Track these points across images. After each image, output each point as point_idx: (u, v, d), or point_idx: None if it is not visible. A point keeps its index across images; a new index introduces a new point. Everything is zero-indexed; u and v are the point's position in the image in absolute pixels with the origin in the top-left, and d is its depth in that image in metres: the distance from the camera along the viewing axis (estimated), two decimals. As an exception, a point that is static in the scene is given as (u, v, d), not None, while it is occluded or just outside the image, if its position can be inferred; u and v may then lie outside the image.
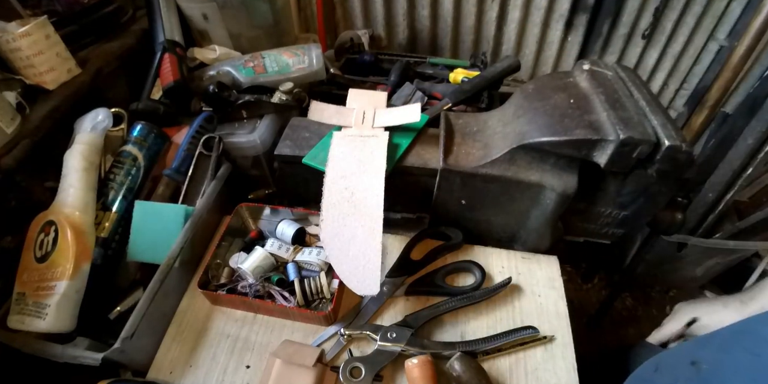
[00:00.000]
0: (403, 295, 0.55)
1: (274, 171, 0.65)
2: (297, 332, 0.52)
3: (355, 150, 0.56)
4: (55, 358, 0.45)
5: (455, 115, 0.62)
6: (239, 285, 0.54)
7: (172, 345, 0.52)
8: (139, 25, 0.80)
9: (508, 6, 1.08)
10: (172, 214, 0.55)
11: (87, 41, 0.72)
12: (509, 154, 0.52)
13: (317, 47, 0.75)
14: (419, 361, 0.45)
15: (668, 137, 0.46)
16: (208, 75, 0.72)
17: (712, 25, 1.09)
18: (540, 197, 0.54)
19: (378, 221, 0.50)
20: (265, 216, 0.62)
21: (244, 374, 0.49)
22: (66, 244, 0.49)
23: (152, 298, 0.48)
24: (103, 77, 0.69)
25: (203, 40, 0.80)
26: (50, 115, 0.60)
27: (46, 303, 0.47)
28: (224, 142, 0.64)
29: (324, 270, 0.56)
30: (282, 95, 0.69)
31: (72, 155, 0.55)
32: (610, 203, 0.56)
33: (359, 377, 0.45)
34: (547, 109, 0.51)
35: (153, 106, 0.66)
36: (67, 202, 0.52)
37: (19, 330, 0.47)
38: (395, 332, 0.49)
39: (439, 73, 0.84)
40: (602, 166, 0.48)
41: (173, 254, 0.52)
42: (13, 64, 0.60)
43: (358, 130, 0.59)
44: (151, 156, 0.62)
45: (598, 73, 0.55)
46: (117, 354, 0.44)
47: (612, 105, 0.49)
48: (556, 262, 0.59)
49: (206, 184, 0.60)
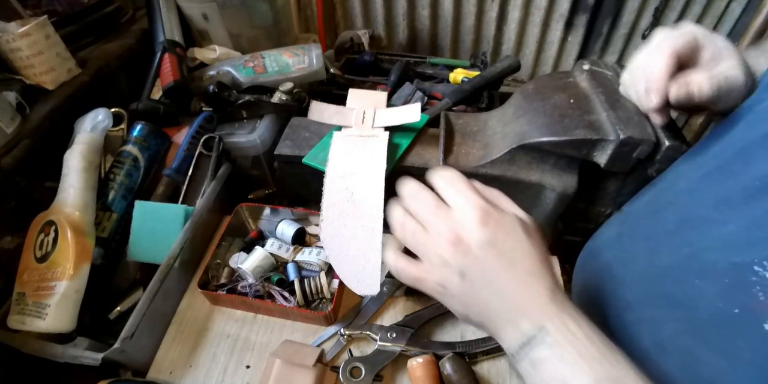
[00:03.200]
0: (403, 295, 0.55)
1: (274, 171, 0.65)
2: (297, 332, 0.52)
3: (355, 150, 0.55)
4: (55, 358, 0.45)
5: (455, 115, 0.62)
6: (239, 285, 0.54)
7: (172, 345, 0.52)
8: (139, 25, 0.80)
9: (508, 6, 1.08)
10: (172, 214, 0.55)
11: (87, 41, 0.72)
12: (509, 154, 0.52)
13: (317, 47, 0.75)
14: (423, 360, 0.45)
15: (668, 137, 0.46)
16: (208, 75, 0.72)
17: (712, 25, 1.09)
18: (540, 197, 0.54)
19: (378, 221, 0.50)
20: (265, 216, 0.63)
21: (244, 374, 0.49)
22: (66, 244, 0.49)
23: (152, 298, 0.48)
24: (103, 77, 0.69)
25: (203, 40, 0.80)
26: (50, 115, 0.60)
27: (46, 303, 0.47)
28: (224, 142, 0.64)
29: (324, 270, 0.56)
30: (282, 95, 0.69)
31: (72, 155, 0.55)
32: (610, 203, 0.56)
33: (359, 377, 0.45)
34: (547, 109, 0.51)
35: (153, 106, 0.66)
36: (67, 202, 0.52)
37: (19, 330, 0.47)
38: (395, 332, 0.49)
39: (439, 73, 0.84)
40: (602, 166, 0.48)
41: (173, 254, 0.52)
42: (13, 64, 0.60)
43: (358, 130, 0.59)
44: (151, 156, 0.62)
45: (598, 73, 0.55)
46: (117, 354, 0.44)
47: (612, 105, 0.49)
48: (556, 262, 0.59)
49: (206, 184, 0.60)
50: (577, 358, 0.29)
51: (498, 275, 0.32)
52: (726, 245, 0.31)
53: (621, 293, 0.40)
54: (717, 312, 0.29)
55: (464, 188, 0.35)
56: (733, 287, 0.29)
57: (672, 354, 0.32)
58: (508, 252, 0.32)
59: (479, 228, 0.32)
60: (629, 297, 0.38)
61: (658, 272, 0.36)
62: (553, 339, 0.30)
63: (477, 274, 0.33)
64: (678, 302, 0.33)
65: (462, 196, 0.34)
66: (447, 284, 0.34)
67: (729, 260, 0.30)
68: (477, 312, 0.34)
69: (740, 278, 0.28)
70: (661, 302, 0.35)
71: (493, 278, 0.32)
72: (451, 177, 0.36)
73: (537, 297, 0.31)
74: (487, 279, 0.32)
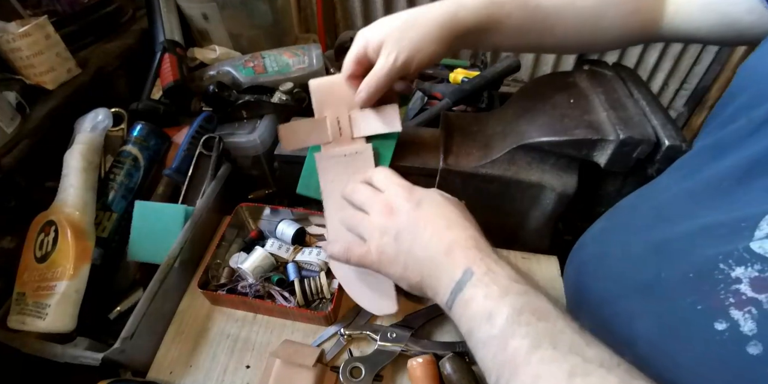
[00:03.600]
0: (403, 295, 0.55)
1: (274, 171, 0.65)
2: (297, 332, 0.52)
3: (344, 172, 0.53)
4: (55, 358, 0.45)
5: (455, 115, 0.62)
6: (239, 285, 0.54)
7: (172, 345, 0.52)
8: (139, 25, 0.80)
9: (508, 6, 1.08)
10: (172, 214, 0.55)
11: (87, 41, 0.72)
12: (509, 154, 0.52)
13: (317, 47, 0.75)
14: (423, 360, 0.45)
15: (668, 137, 0.46)
16: (208, 75, 0.72)
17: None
18: (540, 197, 0.54)
19: None
20: (265, 216, 0.63)
21: (244, 374, 0.49)
22: (66, 244, 0.49)
23: (152, 298, 0.48)
24: (103, 77, 0.69)
25: (203, 40, 0.80)
26: (50, 115, 0.60)
27: (46, 303, 0.47)
28: (224, 142, 0.64)
29: (324, 270, 0.56)
30: (282, 95, 0.69)
31: (72, 155, 0.55)
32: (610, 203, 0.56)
33: (359, 377, 0.45)
34: (547, 109, 0.51)
35: (153, 106, 0.66)
36: (67, 202, 0.52)
37: (19, 330, 0.47)
38: (395, 332, 0.49)
39: (439, 73, 0.84)
40: (602, 166, 0.48)
41: (173, 254, 0.52)
42: (13, 64, 0.60)
43: (338, 146, 0.54)
44: (151, 156, 0.62)
45: (598, 73, 0.55)
46: (117, 354, 0.44)
47: (612, 105, 0.49)
48: (556, 262, 0.59)
49: (206, 184, 0.60)
50: (500, 294, 0.31)
51: (425, 231, 0.37)
52: (692, 240, 0.31)
53: (599, 287, 0.41)
54: (682, 307, 0.30)
55: (391, 174, 0.43)
56: (697, 282, 0.29)
57: (643, 349, 0.32)
58: (432, 212, 0.39)
59: (406, 198, 0.40)
60: (605, 291, 0.39)
61: (631, 266, 0.37)
62: (478, 279, 0.33)
63: (408, 234, 0.38)
64: (648, 296, 0.34)
65: (390, 180, 0.42)
66: (386, 249, 0.39)
67: (694, 255, 0.30)
68: (414, 271, 0.38)
69: (704, 274, 0.29)
70: (633, 296, 0.35)
71: (422, 234, 0.37)
72: (382, 171, 0.44)
73: (462, 245, 0.35)
74: (418, 236, 0.37)
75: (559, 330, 0.29)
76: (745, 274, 0.26)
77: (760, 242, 0.26)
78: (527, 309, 0.30)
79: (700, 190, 0.33)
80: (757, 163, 0.29)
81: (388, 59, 0.44)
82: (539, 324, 0.29)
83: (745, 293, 0.26)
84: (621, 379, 0.25)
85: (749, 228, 0.27)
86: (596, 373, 0.26)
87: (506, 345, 0.29)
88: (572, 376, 0.26)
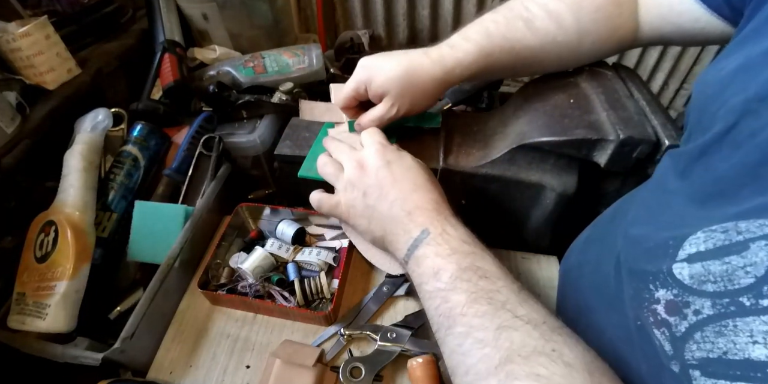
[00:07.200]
0: (403, 295, 0.55)
1: (274, 171, 0.65)
2: (297, 332, 0.52)
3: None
4: (55, 358, 0.45)
5: (455, 115, 0.62)
6: (239, 285, 0.54)
7: (172, 345, 0.52)
8: (139, 25, 0.80)
9: (508, 6, 1.08)
10: (172, 214, 0.55)
11: (87, 41, 0.72)
12: (509, 154, 0.52)
13: (317, 47, 0.75)
14: (423, 360, 0.45)
15: (668, 137, 0.46)
16: (208, 75, 0.72)
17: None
18: (540, 197, 0.54)
19: None
20: (265, 216, 0.63)
21: (244, 374, 0.49)
22: (66, 244, 0.49)
23: (152, 298, 0.48)
24: (103, 77, 0.69)
25: (203, 40, 0.80)
26: (50, 115, 0.60)
27: (46, 303, 0.47)
28: (224, 142, 0.64)
29: (324, 270, 0.56)
30: (282, 95, 0.69)
31: (72, 155, 0.55)
32: (609, 203, 0.56)
33: (359, 377, 0.45)
34: (547, 109, 0.51)
35: (153, 106, 0.66)
36: (67, 202, 0.52)
37: (19, 330, 0.47)
38: (395, 332, 0.49)
39: (439, 73, 0.84)
40: (602, 166, 0.48)
41: (173, 254, 0.52)
42: (13, 64, 0.60)
43: None
44: (151, 156, 0.62)
45: (598, 73, 0.55)
46: (117, 354, 0.44)
47: (612, 105, 0.49)
48: (556, 263, 0.59)
49: (206, 184, 0.60)
50: (450, 253, 0.35)
51: (392, 190, 0.40)
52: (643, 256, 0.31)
53: (577, 297, 0.42)
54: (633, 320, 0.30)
55: (375, 133, 0.46)
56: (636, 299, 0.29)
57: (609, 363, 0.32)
58: (399, 173, 0.42)
59: (377, 156, 0.43)
60: (582, 302, 0.41)
61: (601, 280, 0.37)
62: (432, 238, 0.36)
63: (375, 191, 0.41)
64: (611, 311, 0.34)
65: (373, 139, 0.45)
66: (354, 202, 0.43)
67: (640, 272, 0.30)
68: (378, 226, 0.41)
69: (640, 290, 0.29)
70: (601, 308, 0.36)
71: (387, 192, 0.40)
72: (370, 130, 0.47)
73: (424, 207, 0.39)
74: (383, 193, 0.41)
75: (497, 289, 0.32)
76: (665, 296, 0.26)
77: (681, 264, 0.26)
78: (471, 268, 0.34)
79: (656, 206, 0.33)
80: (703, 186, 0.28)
81: (390, 110, 0.48)
82: (480, 282, 0.33)
83: (660, 314, 0.27)
84: (542, 334, 0.29)
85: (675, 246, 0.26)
86: (522, 329, 0.29)
87: (448, 298, 0.33)
88: (500, 328, 0.30)
